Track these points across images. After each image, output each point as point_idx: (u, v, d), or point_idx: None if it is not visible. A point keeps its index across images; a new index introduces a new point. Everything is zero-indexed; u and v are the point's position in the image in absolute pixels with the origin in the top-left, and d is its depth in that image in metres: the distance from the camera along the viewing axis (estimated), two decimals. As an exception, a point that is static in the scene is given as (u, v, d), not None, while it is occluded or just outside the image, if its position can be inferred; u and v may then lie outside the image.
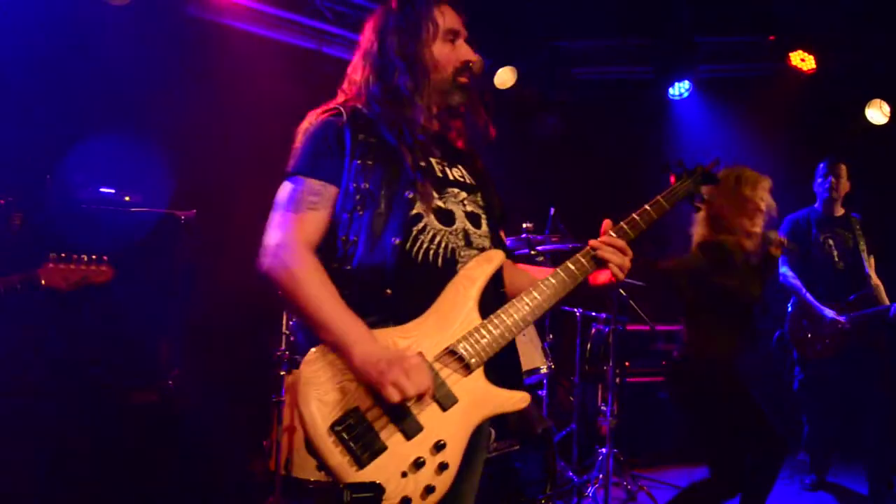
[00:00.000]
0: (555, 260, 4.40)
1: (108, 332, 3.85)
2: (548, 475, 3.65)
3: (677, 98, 5.79)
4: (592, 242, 1.82)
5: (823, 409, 4.81)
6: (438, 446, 1.61)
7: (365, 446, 1.56)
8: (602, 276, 1.84)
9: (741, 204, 3.28)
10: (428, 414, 1.62)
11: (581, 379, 4.73)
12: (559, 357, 5.00)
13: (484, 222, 1.90)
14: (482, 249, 1.85)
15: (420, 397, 1.59)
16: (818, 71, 5.77)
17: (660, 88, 5.93)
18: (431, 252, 1.76)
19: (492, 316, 1.73)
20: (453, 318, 1.71)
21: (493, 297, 1.83)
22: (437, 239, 1.77)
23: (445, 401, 1.64)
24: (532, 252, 4.24)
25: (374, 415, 1.59)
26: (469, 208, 1.88)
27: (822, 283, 4.63)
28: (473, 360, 1.67)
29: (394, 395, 1.55)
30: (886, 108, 5.85)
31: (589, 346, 4.76)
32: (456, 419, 1.64)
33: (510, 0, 5.41)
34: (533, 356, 3.92)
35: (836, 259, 4.63)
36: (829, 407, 4.81)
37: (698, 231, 3.41)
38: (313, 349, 1.64)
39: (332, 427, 1.56)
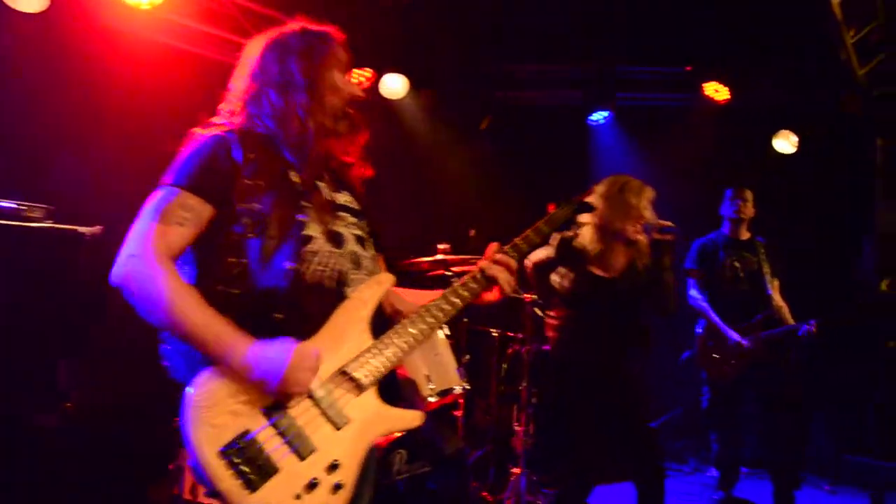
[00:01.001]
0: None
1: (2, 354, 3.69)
2: (460, 496, 3.66)
3: (597, 124, 5.94)
4: (482, 263, 1.93)
5: (731, 427, 4.97)
6: (333, 466, 1.63)
7: (256, 469, 1.55)
8: (490, 295, 1.94)
9: (626, 210, 3.43)
10: (321, 434, 1.64)
11: (497, 399, 4.76)
12: (476, 377, 5.03)
13: (370, 246, 1.94)
14: (370, 272, 1.88)
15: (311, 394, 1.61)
16: (731, 102, 6.03)
17: (582, 114, 6.07)
18: (321, 274, 1.76)
19: (383, 336, 1.77)
20: (345, 339, 1.74)
21: (383, 319, 1.89)
22: (326, 261, 1.78)
23: (338, 420, 1.67)
24: (448, 273, 4.27)
25: (265, 436, 1.59)
26: (356, 232, 1.90)
27: (728, 304, 4.80)
28: (365, 380, 1.71)
29: (294, 392, 1.58)
30: (794, 139, 6.15)
31: (505, 366, 4.81)
32: (349, 439, 1.67)
33: (434, 21, 5.48)
34: (448, 376, 3.94)
35: (741, 281, 4.81)
36: (736, 425, 4.98)
37: (584, 237, 3.55)
38: (204, 373, 1.60)
39: (221, 451, 1.54)
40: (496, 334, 4.70)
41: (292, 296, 1.71)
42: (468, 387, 4.07)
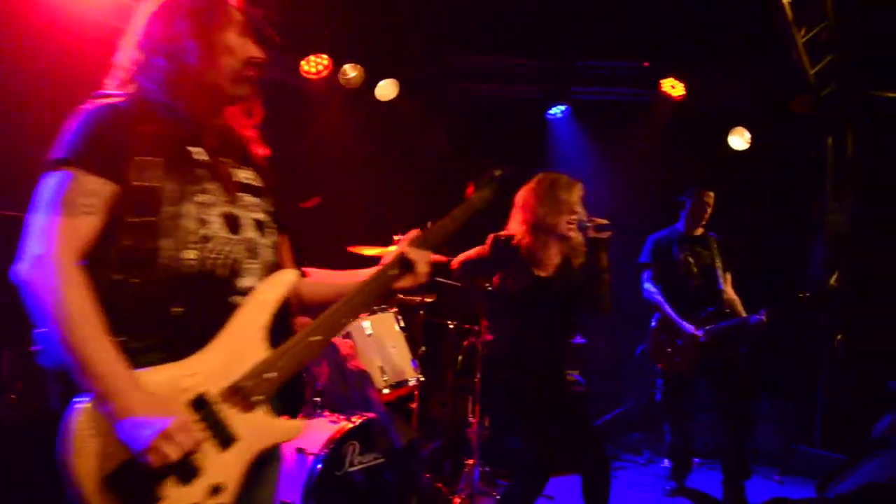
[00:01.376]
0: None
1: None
2: (414, 488, 3.66)
3: (555, 118, 5.97)
4: (401, 248, 1.86)
5: (683, 419, 5.05)
6: (215, 489, 1.57)
7: (140, 498, 1.49)
8: (406, 281, 1.87)
9: (557, 206, 3.42)
10: (205, 455, 1.56)
11: (452, 391, 4.77)
12: (433, 369, 5.03)
13: (269, 231, 1.82)
14: (266, 261, 1.77)
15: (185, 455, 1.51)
16: (687, 98, 6.12)
17: (541, 108, 6.11)
18: (213, 261, 1.65)
19: (281, 347, 1.68)
20: (240, 350, 1.64)
21: (284, 322, 1.78)
22: (221, 248, 1.67)
23: (225, 441, 1.60)
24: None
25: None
26: (255, 215, 1.78)
27: (681, 298, 4.88)
28: (257, 398, 1.63)
29: (153, 462, 1.46)
30: (747, 136, 6.26)
31: (460, 358, 4.81)
32: (234, 458, 1.61)
33: (400, 13, 5.45)
34: (402, 368, 3.94)
35: (695, 276, 4.89)
36: (688, 416, 5.07)
37: (507, 231, 3.56)
38: (85, 403, 1.49)
39: (104, 482, 1.47)
40: (452, 326, 4.70)
41: (185, 286, 1.61)
42: (423, 378, 4.08)
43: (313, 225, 4.14)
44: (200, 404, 1.58)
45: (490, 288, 3.60)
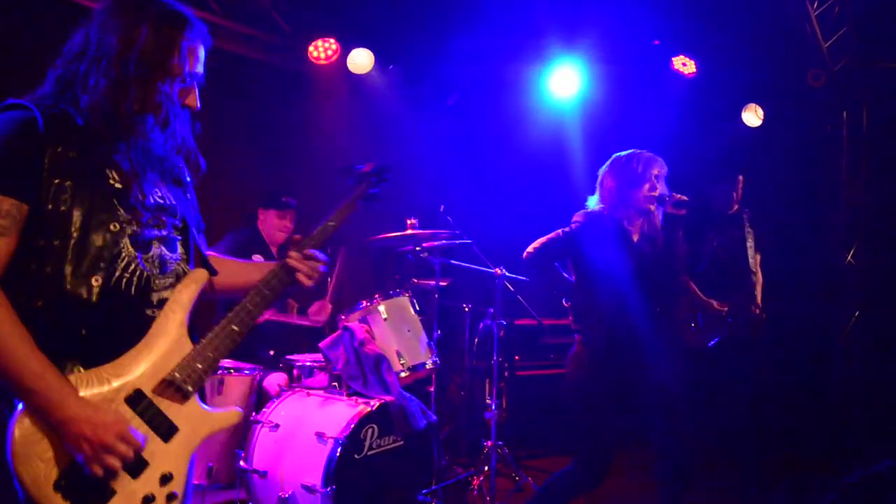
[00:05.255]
0: (444, 255, 4.44)
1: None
2: (432, 470, 3.67)
3: (567, 97, 5.93)
4: (289, 254, 1.90)
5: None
6: (165, 479, 1.64)
7: (93, 495, 1.54)
8: (301, 280, 1.91)
9: (633, 179, 3.35)
10: (151, 448, 1.63)
11: (469, 374, 4.78)
12: (449, 352, 5.05)
13: (180, 245, 1.83)
14: (178, 275, 1.80)
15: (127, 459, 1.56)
16: (699, 75, 6.05)
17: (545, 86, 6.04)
18: (125, 281, 1.66)
19: (203, 340, 1.75)
20: (166, 347, 1.70)
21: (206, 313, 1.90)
22: (132, 267, 1.68)
23: (166, 432, 1.66)
24: (417, 248, 4.26)
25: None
26: (165, 232, 1.79)
27: (711, 277, 4.66)
28: (189, 388, 1.69)
29: (98, 471, 1.52)
30: (761, 112, 6.20)
31: (476, 340, 4.82)
32: (178, 448, 1.68)
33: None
34: (419, 351, 3.94)
35: (726, 254, 4.71)
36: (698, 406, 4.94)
37: (590, 208, 3.47)
38: (25, 410, 1.52)
39: (55, 484, 1.51)
40: (468, 309, 4.71)
41: (98, 307, 1.61)
42: (439, 362, 4.09)
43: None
44: (138, 399, 1.63)
45: (572, 277, 3.49)
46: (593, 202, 3.50)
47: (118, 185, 1.68)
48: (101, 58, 1.65)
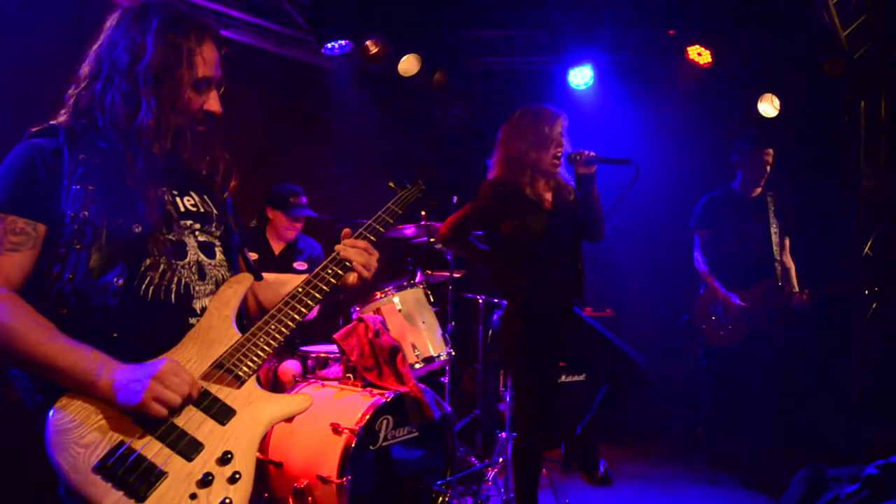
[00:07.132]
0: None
1: None
2: (447, 461, 3.68)
3: (580, 89, 5.89)
4: (337, 247, 1.87)
5: (715, 399, 4.96)
6: (225, 459, 1.56)
7: (140, 478, 1.45)
8: (351, 278, 1.88)
9: (539, 140, 3.30)
10: (206, 431, 1.57)
11: (483, 365, 4.78)
12: (463, 344, 5.05)
13: (219, 251, 1.84)
14: (218, 281, 1.80)
15: (189, 401, 1.54)
16: (713, 65, 5.99)
17: (562, 78, 6.02)
18: (163, 289, 1.67)
19: (253, 328, 1.72)
20: (213, 338, 1.69)
21: (249, 316, 1.88)
22: (169, 274, 1.69)
23: (222, 416, 1.60)
24: (431, 240, 4.25)
25: (142, 444, 1.50)
26: (202, 238, 1.80)
27: (734, 266, 4.69)
28: (240, 372, 1.65)
29: (160, 411, 1.48)
30: (776, 102, 6.13)
31: (490, 332, 4.81)
32: (238, 429, 1.62)
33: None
34: (433, 343, 3.95)
35: (749, 242, 4.69)
36: (722, 397, 4.93)
37: (493, 174, 3.43)
38: (62, 398, 1.51)
39: (95, 467, 1.44)
40: (481, 301, 4.70)
41: (128, 313, 1.61)
42: (454, 353, 4.09)
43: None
44: None
45: (487, 248, 3.48)
46: (498, 166, 3.41)
47: (146, 193, 1.67)
48: (113, 76, 1.68)
